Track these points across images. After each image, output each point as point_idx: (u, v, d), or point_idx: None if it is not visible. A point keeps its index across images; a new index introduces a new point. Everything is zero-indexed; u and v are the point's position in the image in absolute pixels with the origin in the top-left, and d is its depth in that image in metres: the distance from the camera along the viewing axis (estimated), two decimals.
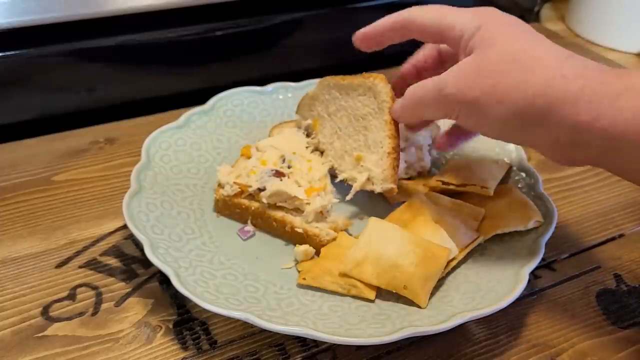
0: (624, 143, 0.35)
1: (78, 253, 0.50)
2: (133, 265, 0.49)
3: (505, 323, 0.45)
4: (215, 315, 0.43)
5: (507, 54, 0.39)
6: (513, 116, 0.38)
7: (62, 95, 0.66)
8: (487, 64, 0.39)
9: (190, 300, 0.42)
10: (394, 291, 0.44)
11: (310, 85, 0.65)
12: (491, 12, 0.42)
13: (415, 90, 0.44)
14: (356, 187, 0.51)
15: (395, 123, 0.49)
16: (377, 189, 0.50)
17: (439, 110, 0.43)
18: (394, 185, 0.49)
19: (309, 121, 0.57)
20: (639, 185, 0.39)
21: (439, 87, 0.41)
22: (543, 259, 0.48)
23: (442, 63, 0.50)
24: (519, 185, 0.54)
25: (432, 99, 0.43)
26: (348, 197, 0.51)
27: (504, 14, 0.42)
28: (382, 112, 0.49)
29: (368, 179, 0.50)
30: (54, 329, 0.44)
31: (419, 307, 0.43)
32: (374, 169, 0.50)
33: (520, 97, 0.37)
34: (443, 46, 0.50)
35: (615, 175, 0.38)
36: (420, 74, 0.51)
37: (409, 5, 0.47)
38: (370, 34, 0.48)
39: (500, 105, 0.38)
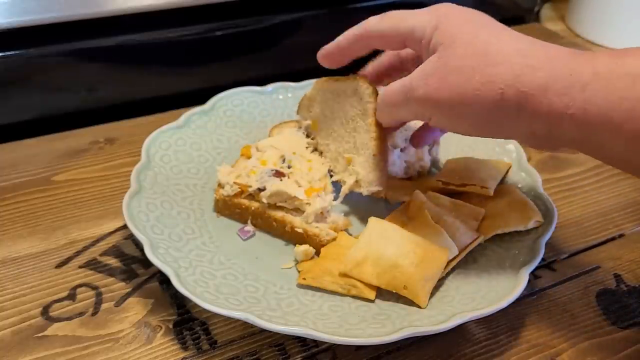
0: (597, 130, 0.35)
1: (78, 253, 0.50)
2: (133, 265, 0.49)
3: (505, 323, 0.45)
4: (215, 315, 0.43)
5: (469, 49, 0.38)
6: (486, 113, 0.38)
7: (62, 95, 0.66)
8: (452, 62, 0.38)
9: (190, 300, 0.42)
10: (394, 291, 0.44)
11: (310, 86, 0.65)
12: (448, 8, 0.41)
13: (385, 93, 0.44)
14: (344, 189, 0.51)
15: (380, 124, 0.49)
16: (364, 191, 0.50)
17: (411, 113, 0.43)
18: (380, 188, 0.49)
19: (309, 122, 0.57)
20: (620, 169, 0.39)
21: (407, 91, 0.41)
22: (543, 259, 0.48)
23: (402, 66, 0.49)
24: (519, 185, 0.54)
25: (402, 103, 0.42)
26: (338, 201, 0.51)
27: (462, 7, 0.41)
28: (366, 114, 0.49)
29: (356, 182, 0.50)
30: (54, 329, 0.44)
31: (419, 307, 0.43)
32: (361, 171, 0.50)
33: (491, 93, 0.37)
34: (404, 51, 0.49)
35: (615, 176, 0.38)
36: (380, 78, 0.51)
37: (409, 5, 0.47)
38: (333, 51, 0.48)
39: (472, 103, 0.38)
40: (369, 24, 0.45)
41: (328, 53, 0.49)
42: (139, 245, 0.50)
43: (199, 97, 0.64)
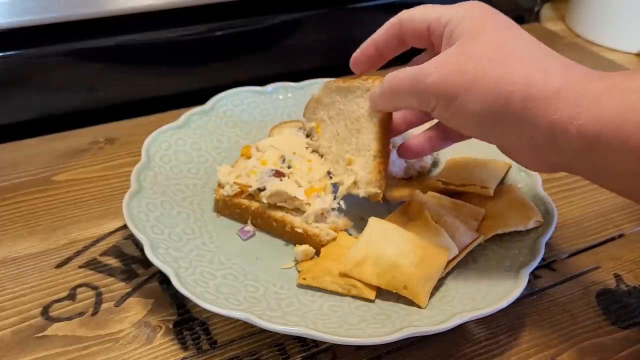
0: (602, 144, 0.34)
1: (78, 253, 0.50)
2: (133, 265, 0.49)
3: (505, 323, 0.45)
4: (215, 315, 0.43)
5: (489, 45, 0.38)
6: (491, 110, 0.37)
7: (62, 95, 0.66)
8: (468, 54, 0.38)
9: (190, 300, 0.42)
10: (394, 291, 0.44)
11: (310, 85, 0.65)
12: (479, 5, 0.42)
13: (394, 78, 0.43)
14: (342, 190, 0.50)
15: (384, 126, 0.48)
16: (361, 193, 0.49)
17: (416, 100, 0.42)
18: (378, 190, 0.48)
19: (313, 124, 0.57)
20: (611, 191, 0.38)
21: (419, 77, 0.40)
22: (543, 259, 0.48)
23: (401, 46, 0.48)
24: (519, 185, 0.54)
25: (411, 88, 0.41)
26: (335, 202, 0.50)
27: (490, 7, 0.42)
28: (373, 114, 0.48)
29: (354, 183, 0.50)
30: (54, 329, 0.44)
31: (419, 307, 0.43)
32: (359, 172, 0.49)
33: (501, 90, 0.36)
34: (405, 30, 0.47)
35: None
36: (381, 55, 0.49)
37: (409, 4, 0.47)
38: (367, 50, 0.47)
39: (479, 97, 0.37)
40: (403, 12, 0.45)
41: (362, 57, 0.48)
42: (139, 245, 0.50)
43: (199, 97, 0.64)
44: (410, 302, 0.44)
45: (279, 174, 0.51)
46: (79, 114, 0.67)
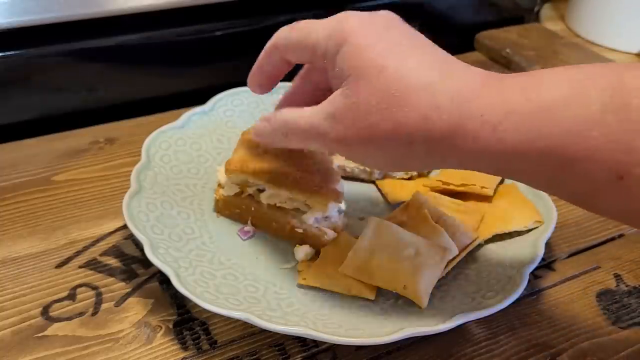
0: (513, 166, 0.34)
1: (78, 253, 0.50)
2: (133, 265, 0.49)
3: (505, 323, 0.45)
4: (215, 315, 0.43)
5: (376, 89, 0.35)
6: (395, 155, 0.37)
7: (62, 95, 0.66)
8: (358, 105, 0.36)
9: (190, 300, 0.42)
10: (394, 291, 0.44)
11: None
12: (352, 21, 0.37)
13: (290, 127, 0.40)
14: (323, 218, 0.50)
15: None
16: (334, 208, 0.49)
17: (320, 147, 0.41)
18: (340, 191, 0.48)
19: None
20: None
21: (316, 134, 0.38)
22: (543, 259, 0.48)
23: (291, 65, 0.45)
24: (519, 185, 0.54)
25: (311, 140, 0.39)
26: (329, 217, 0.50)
27: (368, 17, 0.38)
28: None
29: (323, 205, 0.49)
30: (54, 329, 0.44)
31: (419, 307, 0.43)
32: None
33: (399, 139, 0.35)
34: (314, 79, 0.46)
35: None
36: (276, 75, 0.46)
37: (410, 4, 0.46)
38: (257, 74, 0.45)
39: (381, 149, 0.37)
40: (279, 35, 0.42)
41: (254, 79, 0.45)
42: (139, 245, 0.50)
43: (199, 97, 0.64)
44: (410, 302, 0.44)
45: None
46: (79, 114, 0.67)
